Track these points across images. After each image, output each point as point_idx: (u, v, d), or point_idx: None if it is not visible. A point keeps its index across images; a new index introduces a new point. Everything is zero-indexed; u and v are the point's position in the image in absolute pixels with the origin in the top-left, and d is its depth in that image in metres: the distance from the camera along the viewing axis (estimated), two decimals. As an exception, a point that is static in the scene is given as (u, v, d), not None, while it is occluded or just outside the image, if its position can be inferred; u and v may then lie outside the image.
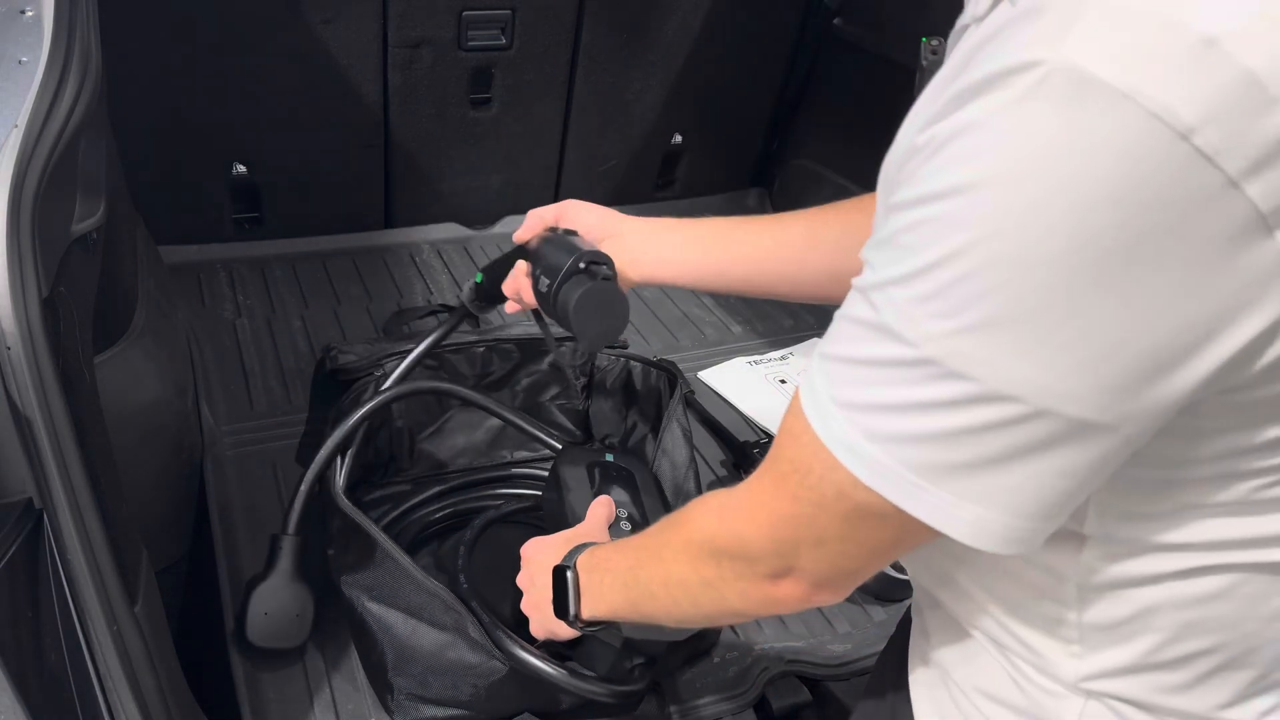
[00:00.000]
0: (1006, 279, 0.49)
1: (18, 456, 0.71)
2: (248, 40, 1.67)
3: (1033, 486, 0.54)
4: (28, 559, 0.72)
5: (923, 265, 0.51)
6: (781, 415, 0.65)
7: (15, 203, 0.72)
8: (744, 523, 0.68)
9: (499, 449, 1.42)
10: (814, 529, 0.62)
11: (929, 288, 0.51)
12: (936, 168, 0.51)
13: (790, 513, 0.63)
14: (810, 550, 0.64)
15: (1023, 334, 0.49)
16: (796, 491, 0.61)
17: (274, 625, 1.07)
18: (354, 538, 1.10)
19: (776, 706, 1.13)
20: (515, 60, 1.87)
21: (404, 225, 1.99)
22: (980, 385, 0.51)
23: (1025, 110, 0.47)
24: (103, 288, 0.99)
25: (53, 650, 0.72)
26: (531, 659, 0.99)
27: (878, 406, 0.55)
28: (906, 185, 0.53)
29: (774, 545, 0.65)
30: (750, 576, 0.68)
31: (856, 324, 0.57)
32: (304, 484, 1.14)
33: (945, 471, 0.54)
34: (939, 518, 0.55)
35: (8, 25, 0.86)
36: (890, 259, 0.53)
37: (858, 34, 2.02)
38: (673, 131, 2.11)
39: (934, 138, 0.51)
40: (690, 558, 0.74)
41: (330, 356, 1.43)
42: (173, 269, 1.68)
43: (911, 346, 0.52)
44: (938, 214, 0.50)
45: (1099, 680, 0.64)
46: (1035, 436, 0.52)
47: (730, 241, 1.03)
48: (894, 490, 0.55)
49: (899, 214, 0.53)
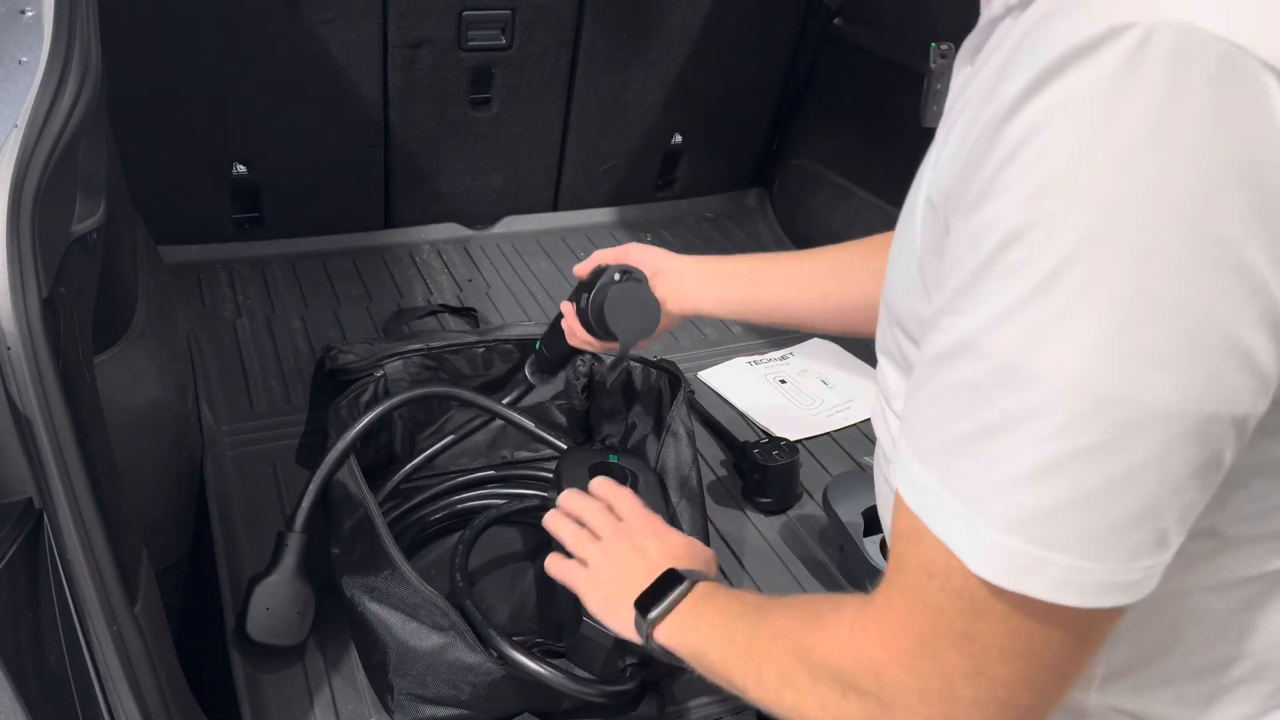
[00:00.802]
0: (1138, 275, 0.43)
1: (18, 456, 0.71)
2: (248, 40, 1.67)
3: (1196, 505, 0.48)
4: (28, 559, 0.71)
5: (1037, 281, 0.45)
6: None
7: (15, 203, 0.72)
8: (879, 649, 0.55)
9: (499, 449, 1.42)
10: (970, 649, 0.51)
11: (1051, 304, 0.45)
12: (1021, 168, 0.45)
13: (935, 630, 0.52)
14: (966, 685, 0.51)
15: (1167, 333, 0.44)
16: (938, 601, 0.51)
17: (275, 621, 1.08)
18: (361, 538, 1.10)
19: (776, 706, 1.13)
20: (515, 60, 1.87)
21: (404, 225, 1.99)
22: (1133, 407, 0.44)
23: (1127, 77, 0.42)
24: (103, 288, 0.99)
25: (53, 650, 0.72)
26: (523, 659, 0.99)
27: (1014, 481, 0.47)
28: (986, 203, 0.47)
29: (919, 681, 0.53)
30: (878, 718, 0.56)
31: (958, 390, 0.49)
32: (314, 481, 1.14)
33: (1112, 535, 0.46)
34: (1103, 593, 0.47)
35: (8, 25, 0.86)
36: (993, 289, 0.47)
37: (858, 34, 2.02)
38: (673, 131, 2.11)
39: (1010, 136, 0.45)
40: (813, 670, 0.61)
41: (330, 356, 1.44)
42: (173, 269, 1.68)
43: (1043, 381, 0.45)
44: (1036, 220, 0.44)
45: (1118, 693, 0.61)
46: (1194, 452, 0.46)
47: (761, 275, 1.08)
48: (1045, 585, 0.47)
49: (986, 237, 0.47)
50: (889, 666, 0.54)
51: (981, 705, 0.52)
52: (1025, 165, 0.45)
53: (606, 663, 0.95)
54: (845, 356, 1.78)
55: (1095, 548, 0.47)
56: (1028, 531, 0.47)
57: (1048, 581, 0.47)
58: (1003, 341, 0.46)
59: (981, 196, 0.47)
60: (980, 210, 0.47)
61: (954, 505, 0.49)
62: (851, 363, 1.77)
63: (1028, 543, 0.47)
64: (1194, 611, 0.58)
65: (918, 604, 0.52)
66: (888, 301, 0.67)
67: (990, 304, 0.47)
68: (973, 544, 0.49)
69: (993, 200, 0.46)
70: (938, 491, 0.50)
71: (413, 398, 1.26)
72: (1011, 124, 0.45)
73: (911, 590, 0.53)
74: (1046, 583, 0.47)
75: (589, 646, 0.96)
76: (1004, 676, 0.51)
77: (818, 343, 1.83)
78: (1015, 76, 0.46)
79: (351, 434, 1.16)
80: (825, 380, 1.70)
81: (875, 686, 0.56)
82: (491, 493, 1.34)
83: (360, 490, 1.12)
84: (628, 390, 1.48)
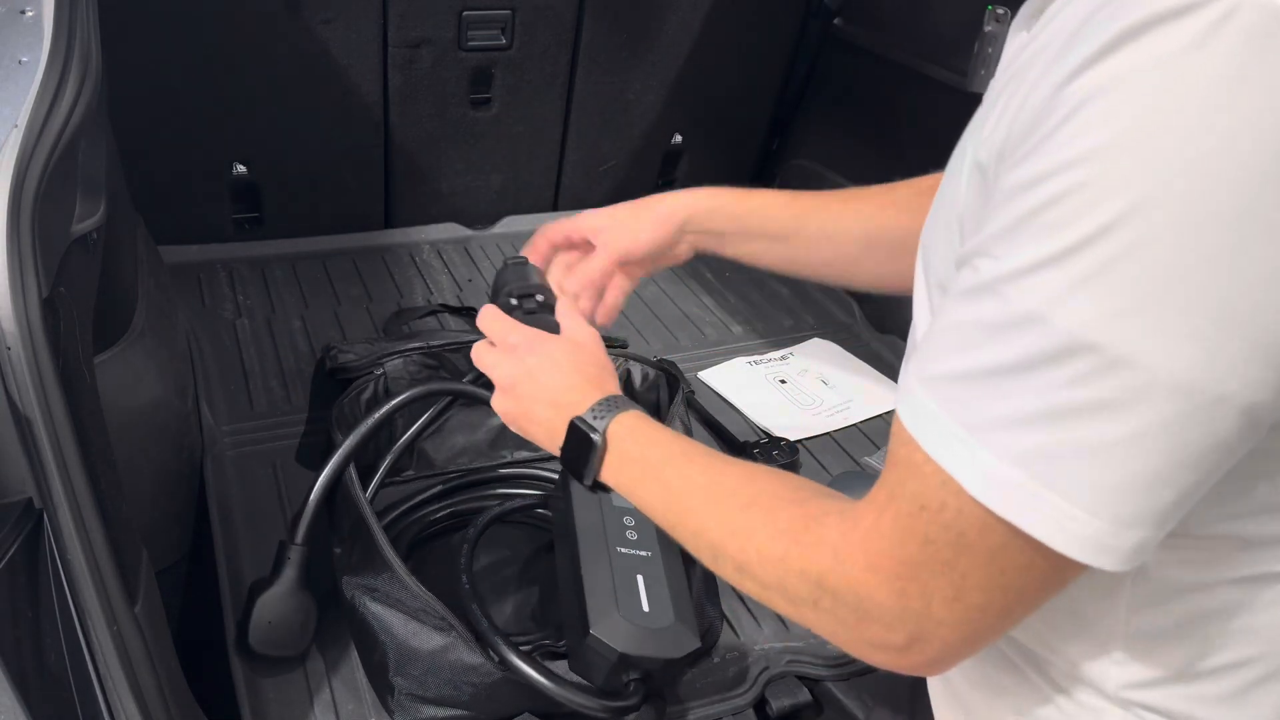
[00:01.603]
0: (1185, 245, 0.43)
1: (18, 456, 0.71)
2: (247, 40, 1.67)
3: (1195, 489, 0.48)
4: (28, 559, 0.71)
5: (1077, 240, 0.45)
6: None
7: (15, 203, 0.72)
8: (864, 571, 0.57)
9: (499, 449, 1.42)
10: (951, 577, 0.54)
11: (1087, 264, 0.45)
12: (1082, 126, 0.45)
13: (922, 558, 0.54)
14: (944, 607, 0.55)
15: (1201, 309, 0.44)
16: (929, 531, 0.53)
17: (277, 634, 1.07)
18: (360, 539, 1.10)
19: (776, 706, 1.13)
20: (515, 60, 1.87)
21: (404, 225, 1.99)
22: (1148, 372, 0.45)
23: (1203, 49, 0.42)
24: (103, 288, 0.99)
25: (53, 650, 0.72)
26: (527, 669, 0.99)
27: (1020, 419, 0.49)
28: (1039, 155, 0.47)
29: (900, 601, 0.56)
30: (857, 629, 0.59)
31: (981, 328, 0.50)
32: (315, 492, 1.12)
33: (1107, 489, 0.48)
34: (1089, 549, 0.49)
35: (8, 25, 0.86)
36: (1029, 240, 0.47)
37: (858, 34, 2.02)
38: (673, 131, 2.11)
39: (1074, 95, 0.45)
40: (788, 575, 0.63)
41: (330, 355, 1.44)
42: (173, 269, 1.68)
43: (1065, 335, 0.46)
44: (1088, 179, 0.45)
45: (1139, 690, 0.61)
46: (1201, 431, 0.46)
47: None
48: (1038, 520, 0.49)
49: (1035, 189, 0.47)
50: (873, 589, 0.57)
51: (953, 625, 0.55)
52: (1086, 123, 0.45)
53: (610, 676, 0.94)
54: (845, 356, 1.79)
55: (1089, 499, 0.48)
56: (1030, 467, 0.48)
57: (1039, 518, 0.49)
58: (1031, 290, 0.47)
59: (1036, 149, 0.47)
60: (1032, 161, 0.47)
61: (956, 432, 0.51)
62: (851, 363, 1.77)
63: (1028, 476, 0.49)
64: (1216, 609, 0.58)
65: (908, 533, 0.54)
66: (927, 263, 0.67)
67: (1026, 252, 0.47)
68: (973, 469, 0.50)
69: (1047, 154, 0.47)
70: (941, 418, 0.52)
71: (414, 397, 1.25)
72: (1078, 81, 0.45)
73: (903, 519, 0.55)
74: (1038, 519, 0.49)
75: (593, 659, 0.94)
76: (978, 603, 0.54)
77: (818, 343, 1.83)
78: (1091, 37, 0.46)
79: (350, 443, 1.15)
80: (825, 380, 1.70)
81: (854, 602, 0.58)
82: (492, 492, 1.34)
83: (356, 493, 1.12)
84: (627, 390, 1.48)
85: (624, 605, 0.93)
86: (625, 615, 0.92)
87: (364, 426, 1.18)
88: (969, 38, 0.88)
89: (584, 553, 0.98)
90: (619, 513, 1.05)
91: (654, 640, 0.92)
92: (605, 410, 0.81)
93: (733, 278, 2.00)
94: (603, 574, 0.96)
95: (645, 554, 1.00)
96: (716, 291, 1.96)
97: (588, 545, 0.99)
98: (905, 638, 0.57)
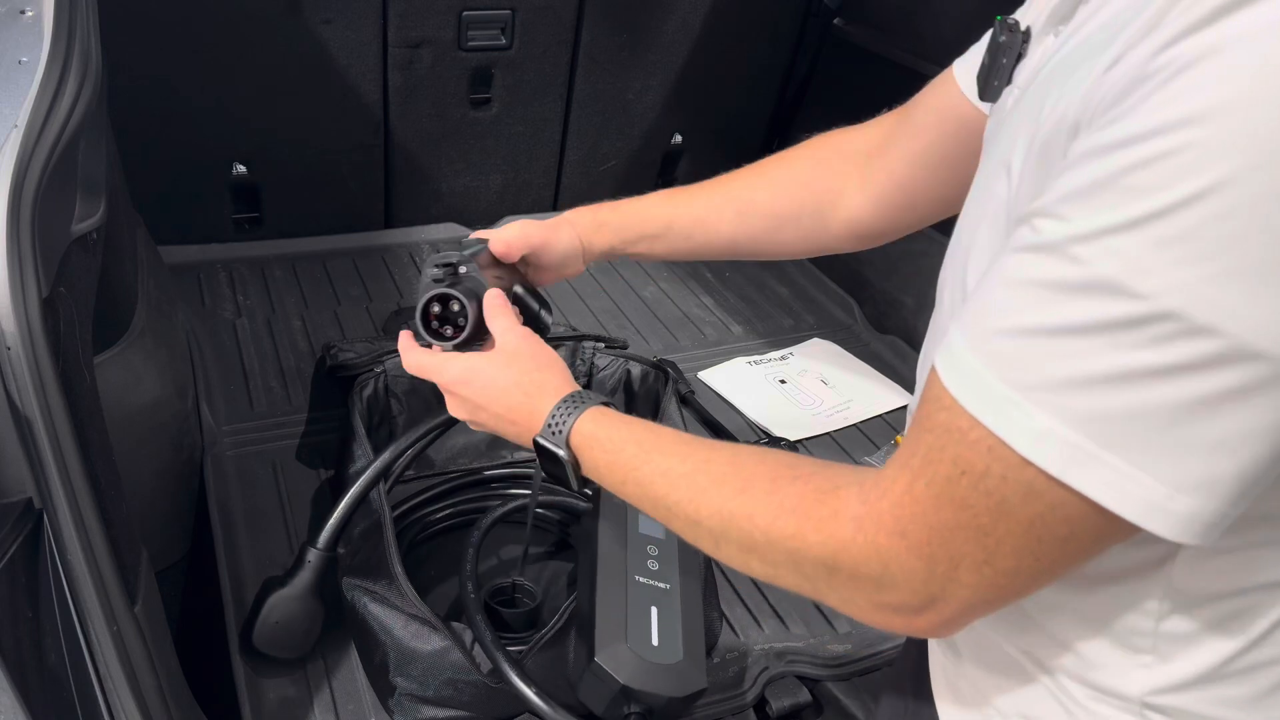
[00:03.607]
0: (1275, 219, 0.43)
1: (18, 456, 0.71)
2: (248, 40, 1.67)
3: (1253, 466, 0.48)
4: (28, 559, 0.72)
5: (1167, 204, 0.44)
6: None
7: (15, 203, 0.72)
8: (891, 538, 0.56)
9: (499, 449, 1.42)
10: (985, 542, 0.53)
11: (1175, 229, 0.44)
12: (1184, 89, 0.44)
13: (957, 523, 0.53)
14: (971, 571, 0.54)
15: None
16: (968, 497, 0.52)
17: (280, 634, 1.07)
18: (368, 544, 1.10)
19: (776, 706, 1.13)
20: (515, 60, 1.87)
21: (404, 225, 2.00)
22: (1229, 341, 0.44)
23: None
24: (103, 288, 0.99)
25: (53, 650, 0.72)
26: (527, 691, 0.98)
27: (1083, 381, 0.48)
28: (1130, 119, 0.46)
29: (927, 566, 0.55)
30: (875, 595, 0.58)
31: (1044, 288, 0.49)
32: (347, 500, 1.10)
33: (1168, 452, 0.47)
34: (1146, 511, 0.48)
35: (8, 25, 0.86)
36: (1109, 204, 0.46)
37: (858, 34, 2.02)
38: (673, 131, 2.11)
39: (1177, 59, 0.44)
40: (801, 551, 0.61)
41: (330, 354, 1.44)
42: (173, 269, 1.68)
43: (1144, 300, 0.45)
44: (1187, 143, 0.44)
45: (1164, 694, 0.61)
46: (1274, 404, 0.46)
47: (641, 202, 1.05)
48: (1096, 482, 0.48)
49: (1121, 152, 0.46)
50: (899, 553, 0.55)
51: (977, 588, 0.54)
52: (1185, 89, 0.44)
53: (611, 706, 0.93)
54: (845, 357, 1.79)
55: (1151, 459, 0.47)
56: (1086, 428, 0.48)
57: (1098, 481, 0.48)
58: (1109, 253, 0.46)
59: (1127, 113, 0.46)
60: (1121, 125, 0.47)
61: (1005, 393, 0.50)
62: (851, 363, 1.77)
63: (1085, 437, 0.48)
64: (1246, 609, 0.58)
65: (945, 497, 0.53)
66: (964, 267, 0.66)
67: (1102, 216, 0.47)
68: (1025, 431, 0.49)
69: (1137, 118, 0.46)
70: (989, 380, 0.51)
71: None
72: (1178, 47, 0.45)
73: (939, 483, 0.53)
74: (1097, 481, 0.48)
75: (596, 686, 0.93)
76: (1008, 567, 0.53)
77: (818, 343, 1.83)
78: (1194, 3, 0.45)
79: (386, 456, 1.14)
80: (825, 380, 1.70)
81: (878, 571, 0.57)
82: (492, 493, 1.34)
83: (381, 505, 1.12)
84: (626, 392, 1.48)
85: (633, 636, 0.92)
86: (633, 647, 0.91)
87: (403, 442, 1.16)
88: (969, 38, 0.88)
89: (601, 577, 0.97)
90: (643, 540, 1.03)
91: (659, 676, 0.91)
92: (562, 417, 0.79)
93: (733, 277, 2.00)
94: (617, 602, 0.95)
95: (664, 586, 0.99)
96: (716, 291, 1.96)
97: (606, 570, 0.98)
98: (923, 600, 0.56)
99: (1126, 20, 0.49)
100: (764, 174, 1.04)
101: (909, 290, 1.83)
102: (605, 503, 1.06)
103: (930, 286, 0.72)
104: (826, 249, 1.04)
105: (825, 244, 1.03)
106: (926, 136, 0.91)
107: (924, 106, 0.92)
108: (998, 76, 0.69)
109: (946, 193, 0.92)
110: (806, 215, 1.00)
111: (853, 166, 0.99)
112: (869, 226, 0.99)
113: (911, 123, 0.93)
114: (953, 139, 0.89)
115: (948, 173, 0.91)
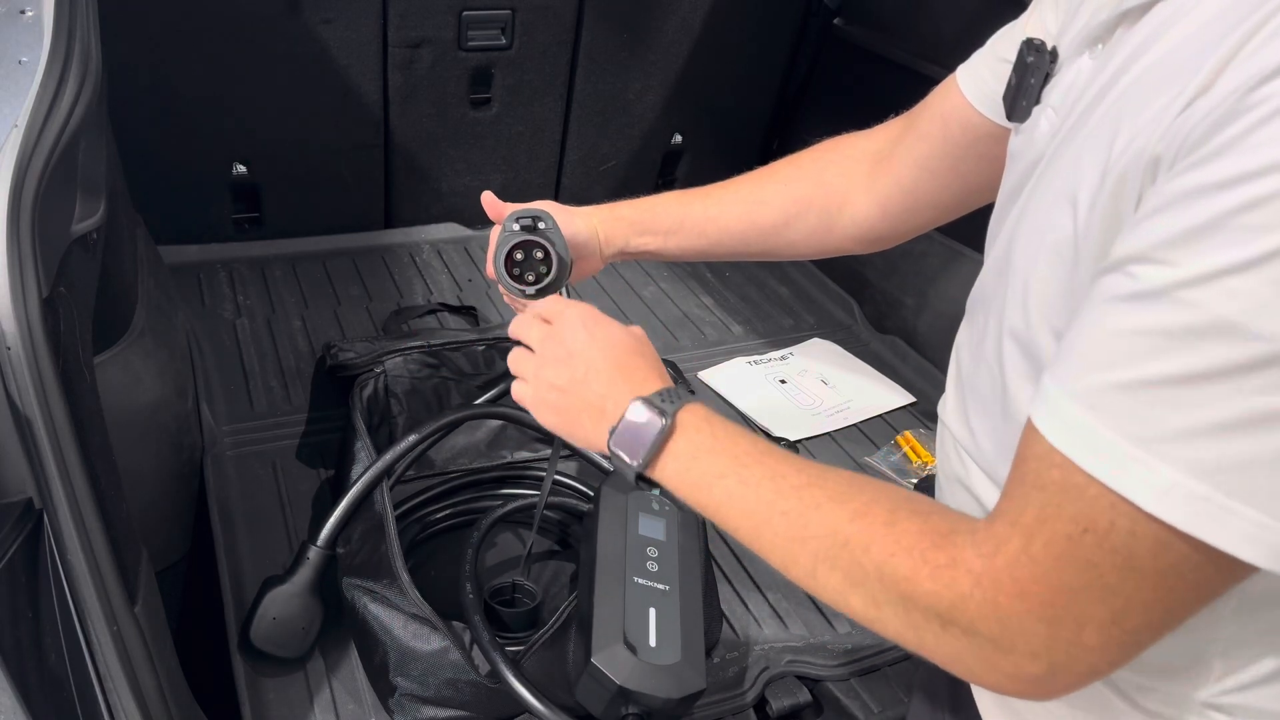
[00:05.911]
0: None
1: (18, 456, 0.71)
2: (248, 40, 1.67)
3: None
4: (28, 559, 0.72)
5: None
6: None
7: (15, 203, 0.72)
8: (1012, 599, 0.53)
9: (499, 449, 1.42)
10: (1113, 602, 0.51)
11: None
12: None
13: (1082, 584, 0.51)
14: (1097, 633, 0.52)
15: None
16: (1093, 556, 0.50)
17: (278, 631, 1.07)
18: (369, 544, 1.10)
19: (776, 706, 1.13)
20: (515, 60, 1.87)
21: (404, 225, 2.00)
22: None
23: None
24: (103, 288, 0.99)
25: (53, 650, 0.72)
26: (522, 690, 0.98)
27: (1205, 430, 0.46)
28: (1230, 157, 0.45)
29: (1050, 630, 0.52)
30: (991, 659, 0.55)
31: (1155, 336, 0.47)
32: (348, 499, 1.10)
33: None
34: (1272, 554, 0.47)
35: (8, 25, 0.86)
36: (1221, 244, 0.45)
37: (858, 34, 2.02)
38: (673, 131, 2.11)
39: (1271, 95, 0.44)
40: (913, 596, 0.57)
41: (330, 354, 1.44)
42: (173, 269, 1.68)
43: (1268, 341, 0.44)
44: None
45: (1231, 694, 0.60)
46: None
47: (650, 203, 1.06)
48: (1235, 536, 0.47)
49: (1226, 191, 0.45)
50: (1020, 616, 0.53)
51: (1104, 649, 0.52)
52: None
53: (608, 707, 0.93)
54: (845, 357, 1.79)
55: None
56: (1215, 479, 0.46)
57: (1234, 534, 0.47)
58: (1222, 297, 0.45)
59: (1222, 150, 0.46)
60: (1219, 164, 0.46)
61: (1124, 448, 0.48)
62: (851, 363, 1.77)
63: (1215, 489, 0.46)
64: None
65: (1066, 558, 0.51)
66: (1029, 313, 0.64)
67: (1212, 259, 0.45)
68: (1149, 487, 0.48)
69: (1239, 155, 0.45)
70: (1104, 435, 0.49)
71: (460, 419, 1.25)
72: (1274, 84, 0.44)
73: (1059, 544, 0.51)
74: (1233, 535, 0.47)
75: (593, 687, 0.92)
76: (1136, 625, 0.51)
77: (818, 343, 1.83)
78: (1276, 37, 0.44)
79: (389, 456, 1.14)
80: (825, 380, 1.70)
81: (996, 631, 0.54)
82: (492, 493, 1.34)
83: (383, 505, 1.11)
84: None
85: (630, 638, 0.92)
86: (630, 647, 0.91)
87: (406, 443, 1.16)
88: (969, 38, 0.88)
89: (599, 578, 0.97)
90: (643, 542, 1.02)
91: (656, 677, 0.90)
92: (674, 395, 0.74)
93: (733, 277, 2.00)
94: (615, 602, 0.94)
95: (663, 588, 0.99)
96: (716, 291, 1.96)
97: (605, 571, 0.98)
98: (1046, 667, 0.53)
99: (1202, 50, 0.49)
100: (774, 174, 1.05)
101: (909, 290, 1.83)
102: (605, 503, 1.06)
103: (930, 286, 0.72)
104: (833, 250, 1.04)
105: (831, 245, 1.03)
106: (932, 142, 0.92)
107: (929, 112, 0.93)
108: (1026, 96, 0.69)
109: (951, 198, 0.93)
110: (813, 215, 1.01)
111: (859, 170, 0.99)
112: (874, 230, 0.99)
113: (917, 128, 0.94)
114: (958, 145, 0.89)
115: (953, 178, 0.91)
